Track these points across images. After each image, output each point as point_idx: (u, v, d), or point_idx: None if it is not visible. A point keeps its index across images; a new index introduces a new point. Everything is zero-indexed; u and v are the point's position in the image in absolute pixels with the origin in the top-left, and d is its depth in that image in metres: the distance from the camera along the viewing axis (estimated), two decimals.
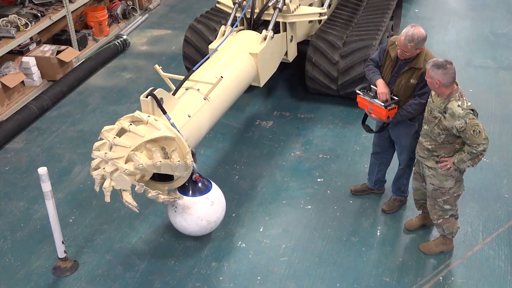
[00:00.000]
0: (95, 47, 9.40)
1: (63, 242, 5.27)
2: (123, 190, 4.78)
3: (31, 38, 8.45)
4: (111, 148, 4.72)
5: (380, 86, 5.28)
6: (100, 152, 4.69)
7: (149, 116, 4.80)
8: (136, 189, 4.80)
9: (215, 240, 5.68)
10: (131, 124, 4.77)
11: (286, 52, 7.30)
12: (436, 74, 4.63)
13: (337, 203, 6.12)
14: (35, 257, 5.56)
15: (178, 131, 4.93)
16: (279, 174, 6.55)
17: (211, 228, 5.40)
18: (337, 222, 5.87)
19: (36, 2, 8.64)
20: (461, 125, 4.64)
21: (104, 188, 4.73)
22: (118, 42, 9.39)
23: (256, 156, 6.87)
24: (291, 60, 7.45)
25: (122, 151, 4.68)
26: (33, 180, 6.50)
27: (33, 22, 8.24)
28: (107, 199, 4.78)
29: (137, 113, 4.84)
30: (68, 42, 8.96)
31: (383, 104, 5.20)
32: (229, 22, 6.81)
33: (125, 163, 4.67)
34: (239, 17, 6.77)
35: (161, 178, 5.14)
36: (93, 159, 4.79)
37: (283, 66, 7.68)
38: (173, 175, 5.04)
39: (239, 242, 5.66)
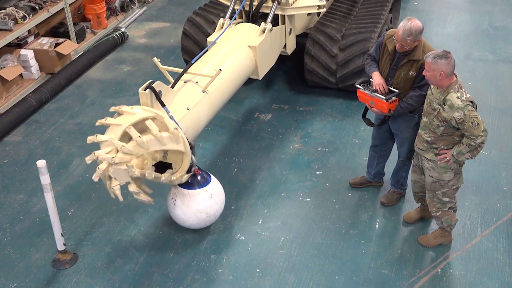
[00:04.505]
0: (93, 40, 9.37)
1: (62, 235, 5.28)
2: (115, 179, 4.78)
3: (29, 31, 8.42)
4: (122, 135, 4.70)
5: (375, 78, 5.31)
6: (118, 143, 4.63)
7: (176, 128, 4.78)
8: (130, 190, 4.80)
9: (214, 232, 5.69)
10: (159, 130, 4.73)
11: (285, 45, 7.29)
12: (439, 65, 4.62)
13: (336, 196, 6.13)
14: (34, 249, 5.57)
15: (177, 124, 4.93)
16: (278, 167, 6.55)
17: (210, 221, 5.40)
18: (336, 214, 5.88)
19: None
20: (460, 116, 4.64)
21: (98, 168, 4.72)
22: (116, 35, 9.35)
23: (255, 149, 6.87)
24: (290, 53, 7.44)
25: (138, 150, 4.68)
26: (32, 173, 6.50)
27: (31, 15, 8.21)
28: (95, 178, 4.76)
29: (167, 120, 4.79)
30: (66, 35, 8.94)
31: (384, 97, 5.20)
32: (228, 15, 6.80)
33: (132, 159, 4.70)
34: (237, 9, 6.75)
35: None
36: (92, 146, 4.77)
37: (282, 59, 7.67)
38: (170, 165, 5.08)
39: (238, 235, 5.67)
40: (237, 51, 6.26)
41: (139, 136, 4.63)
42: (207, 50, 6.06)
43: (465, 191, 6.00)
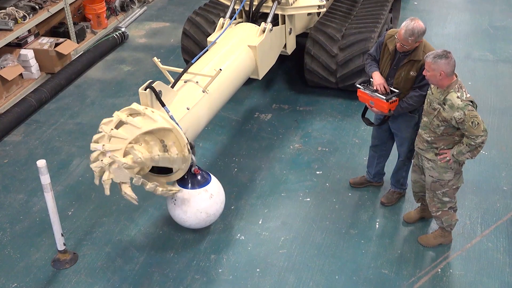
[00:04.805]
0: (93, 40, 9.37)
1: (62, 235, 5.28)
2: (122, 182, 4.80)
3: (29, 31, 8.42)
4: (109, 140, 4.73)
5: (376, 78, 5.30)
6: (98, 144, 4.71)
7: (146, 108, 4.81)
8: (134, 181, 4.82)
9: (214, 232, 5.69)
10: (128, 116, 4.78)
11: (285, 44, 7.29)
12: (439, 65, 4.62)
13: (336, 195, 6.13)
14: (34, 249, 5.56)
15: (177, 123, 4.93)
16: (278, 167, 6.55)
17: (210, 221, 5.40)
18: (336, 214, 5.88)
19: None
20: (460, 116, 4.64)
21: (103, 181, 4.75)
22: (116, 35, 9.36)
23: (255, 148, 6.87)
24: (290, 53, 7.44)
25: (120, 143, 4.70)
26: (32, 172, 6.50)
27: (31, 15, 8.21)
28: (107, 192, 4.80)
29: (134, 105, 4.85)
30: (66, 35, 8.94)
31: (384, 97, 5.20)
32: (228, 15, 6.80)
33: (124, 155, 4.69)
34: (237, 9, 6.75)
35: (160, 170, 5.15)
36: (92, 151, 4.80)
37: (282, 58, 7.67)
38: (172, 168, 5.06)
39: (238, 235, 5.67)
40: (237, 51, 6.26)
41: (112, 129, 4.68)
42: (207, 50, 6.06)
43: (465, 191, 6.00)
